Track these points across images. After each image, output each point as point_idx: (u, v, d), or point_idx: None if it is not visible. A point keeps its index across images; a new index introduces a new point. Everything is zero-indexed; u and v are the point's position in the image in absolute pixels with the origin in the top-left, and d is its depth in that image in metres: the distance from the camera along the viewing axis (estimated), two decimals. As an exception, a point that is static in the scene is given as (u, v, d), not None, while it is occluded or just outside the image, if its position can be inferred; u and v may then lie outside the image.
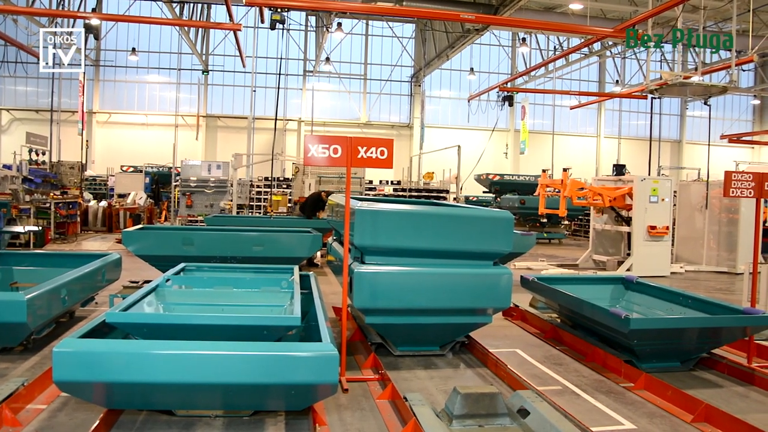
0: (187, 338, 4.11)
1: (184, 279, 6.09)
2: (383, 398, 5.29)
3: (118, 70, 31.73)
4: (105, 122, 31.32)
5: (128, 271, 9.01)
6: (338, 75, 32.23)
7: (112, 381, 3.94)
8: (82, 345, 3.99)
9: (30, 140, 19.08)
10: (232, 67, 31.31)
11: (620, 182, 14.48)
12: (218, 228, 10.44)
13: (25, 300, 5.49)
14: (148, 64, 31.55)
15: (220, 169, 18.57)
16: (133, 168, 25.48)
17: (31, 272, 8.23)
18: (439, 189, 21.22)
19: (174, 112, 31.08)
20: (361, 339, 7.00)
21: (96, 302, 8.42)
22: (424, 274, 5.93)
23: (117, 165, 26.76)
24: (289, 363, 3.91)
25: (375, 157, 5.70)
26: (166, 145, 27.28)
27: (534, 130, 32.88)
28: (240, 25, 19.78)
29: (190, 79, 31.68)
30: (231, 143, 29.86)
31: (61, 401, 5.02)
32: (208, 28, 28.50)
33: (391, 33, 32.59)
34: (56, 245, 15.91)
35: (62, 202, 17.39)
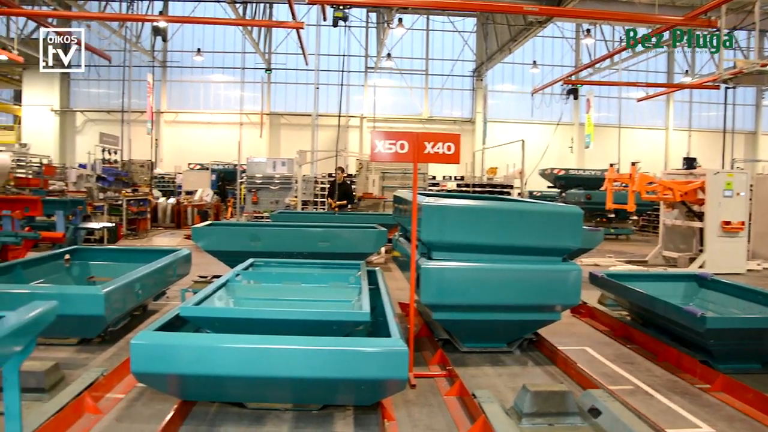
0: (257, 332, 4.16)
1: (253, 274, 6.19)
2: (451, 395, 5.26)
3: (184, 70, 32.52)
4: (172, 121, 32.15)
5: (197, 266, 9.21)
6: (400, 71, 32.20)
7: (185, 373, 4.03)
8: (158, 338, 4.09)
9: (103, 140, 19.73)
10: (295, 65, 31.66)
11: (691, 176, 14.01)
12: (284, 224, 10.55)
13: (102, 294, 5.67)
14: (213, 63, 32.20)
15: (285, 166, 18.78)
16: (200, 166, 26.07)
17: (106, 267, 8.50)
18: (503, 184, 20.96)
19: (238, 110, 31.66)
20: (427, 335, 6.98)
21: (167, 296, 8.65)
22: (492, 270, 5.85)
23: (184, 163, 27.43)
24: (359, 358, 3.92)
25: (442, 152, 5.66)
26: (231, 143, 27.81)
27: (599, 124, 32.12)
28: (302, 23, 19.99)
29: (253, 78, 32.19)
30: (294, 140, 30.23)
31: (138, 391, 5.17)
32: (270, 27, 28.93)
33: (452, 27, 32.36)
34: (128, 241, 16.41)
35: (133, 200, 17.91)
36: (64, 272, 8.22)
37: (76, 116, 32.15)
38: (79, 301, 5.66)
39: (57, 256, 8.38)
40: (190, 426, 4.54)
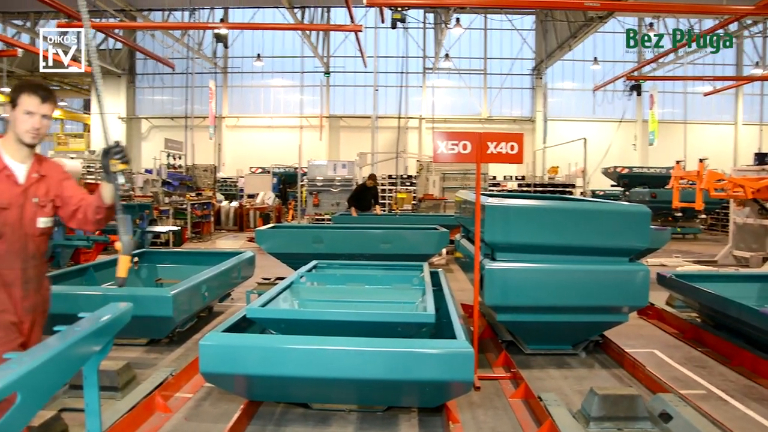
0: (322, 334, 4.18)
1: (317, 276, 6.24)
2: (516, 397, 5.19)
3: (245, 75, 33.10)
4: (233, 126, 32.77)
5: (260, 268, 9.35)
6: (458, 71, 32.03)
7: (252, 373, 4.08)
8: (226, 339, 4.15)
9: (168, 146, 20.25)
10: (353, 68, 31.86)
11: (763, 172, 13.48)
12: (345, 226, 10.63)
13: (171, 296, 5.81)
14: (273, 68, 32.66)
15: (346, 168, 18.91)
16: (261, 169, 26.48)
17: (172, 269, 8.71)
18: (565, 183, 20.64)
19: (298, 114, 32.03)
20: (491, 336, 6.91)
21: (232, 298, 8.81)
22: (557, 270, 5.75)
23: (246, 166, 27.91)
24: (424, 360, 3.90)
25: (505, 152, 5.59)
26: (291, 146, 28.16)
27: (663, 120, 31.27)
28: (361, 26, 20.07)
29: (312, 82, 32.53)
30: (353, 142, 30.40)
31: (206, 391, 5.27)
32: (329, 30, 29.19)
33: (510, 26, 32.00)
34: (193, 244, 16.80)
35: (197, 203, 18.33)
36: (132, 274, 8.45)
37: (141, 123, 33.11)
38: (148, 302, 5.81)
39: (127, 258, 8.61)
40: (257, 426, 4.60)
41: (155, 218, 15.15)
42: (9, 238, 3.08)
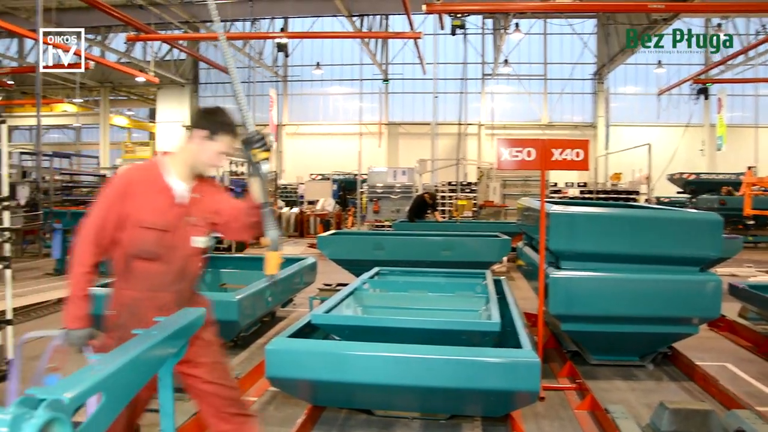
0: (386, 340, 4.19)
1: (380, 283, 6.26)
2: (582, 409, 5.09)
3: (304, 83, 33.55)
4: (293, 133, 33.22)
5: (321, 274, 9.42)
6: (517, 77, 31.74)
7: (316, 379, 4.12)
8: (291, 344, 4.21)
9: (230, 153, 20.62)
10: (411, 75, 31.91)
11: (842, 178, 12.93)
12: (406, 233, 10.64)
13: (236, 300, 5.92)
14: (332, 76, 33.00)
15: (406, 175, 18.95)
16: (321, 176, 26.76)
17: (236, 274, 8.85)
18: (629, 190, 20.20)
19: (357, 121, 32.23)
20: (554, 346, 6.80)
21: (294, 303, 8.91)
22: (625, 280, 5.62)
23: (305, 173, 28.25)
24: (490, 369, 3.86)
25: (570, 159, 5.51)
26: (350, 153, 28.36)
27: (732, 124, 30.22)
28: (420, 33, 20.12)
29: (371, 89, 32.73)
30: (412, 149, 30.41)
31: (270, 395, 5.34)
32: (388, 38, 29.32)
33: (570, 30, 31.54)
34: (254, 249, 17.05)
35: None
36: (197, 279, 8.64)
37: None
38: (214, 306, 5.91)
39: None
40: (321, 431, 4.64)
41: (218, 224, 15.43)
42: (166, 260, 2.99)
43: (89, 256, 2.91)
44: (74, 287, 2.92)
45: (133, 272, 2.97)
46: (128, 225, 2.91)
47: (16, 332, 5.55)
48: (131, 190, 2.95)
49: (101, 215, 2.92)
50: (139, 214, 2.91)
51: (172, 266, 3.01)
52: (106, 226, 2.90)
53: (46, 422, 1.51)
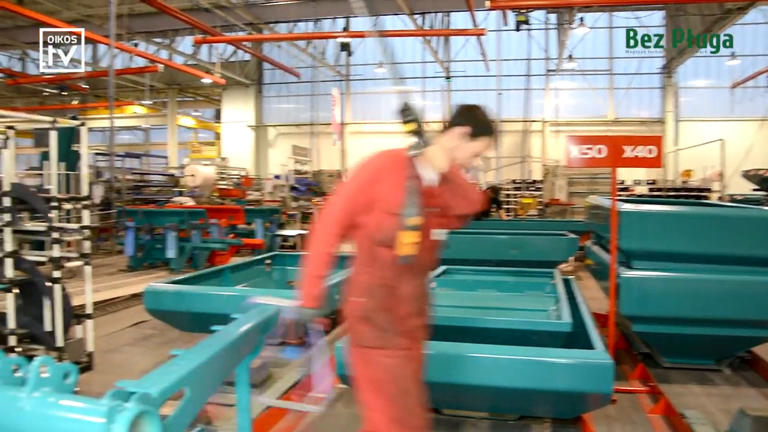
0: (455, 340, 4.17)
1: (447, 281, 6.24)
2: (656, 413, 4.96)
3: (367, 82, 33.66)
4: (356, 132, 33.38)
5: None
6: (582, 72, 31.12)
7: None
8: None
9: (295, 152, 20.93)
10: (473, 72, 31.65)
11: None
12: (471, 231, 10.56)
13: (304, 298, 5.98)
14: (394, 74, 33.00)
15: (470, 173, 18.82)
16: (384, 174, 26.79)
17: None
18: (700, 188, 19.56)
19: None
20: (624, 348, 6.65)
21: (361, 301, 8.95)
22: (700, 280, 5.44)
23: (369, 172, 28.35)
24: (562, 370, 3.80)
25: (642, 156, 5.38)
26: (413, 152, 28.34)
27: (812, 117, 28.91)
28: (484, 30, 19.95)
29: (433, 87, 32.60)
30: (476, 147, 30.16)
31: (338, 392, 5.38)
32: (451, 35, 29.18)
33: (637, 23, 30.69)
34: (319, 247, 17.23)
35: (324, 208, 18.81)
36: (265, 277, 8.80)
37: (268, 131, 34.38)
38: (284, 304, 6.01)
39: (259, 261, 9.00)
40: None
41: (284, 222, 15.70)
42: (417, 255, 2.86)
43: (332, 237, 2.89)
44: (313, 266, 2.93)
45: (378, 259, 2.90)
46: (376, 210, 2.84)
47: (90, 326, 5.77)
48: (383, 175, 2.91)
49: (350, 198, 2.91)
50: (389, 200, 2.83)
51: (418, 259, 2.89)
52: (354, 209, 2.87)
53: (137, 415, 1.56)
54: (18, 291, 5.14)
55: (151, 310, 6.60)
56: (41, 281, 5.26)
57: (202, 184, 19.46)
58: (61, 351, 5.33)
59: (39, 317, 5.31)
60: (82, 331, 5.71)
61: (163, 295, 6.45)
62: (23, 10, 19.22)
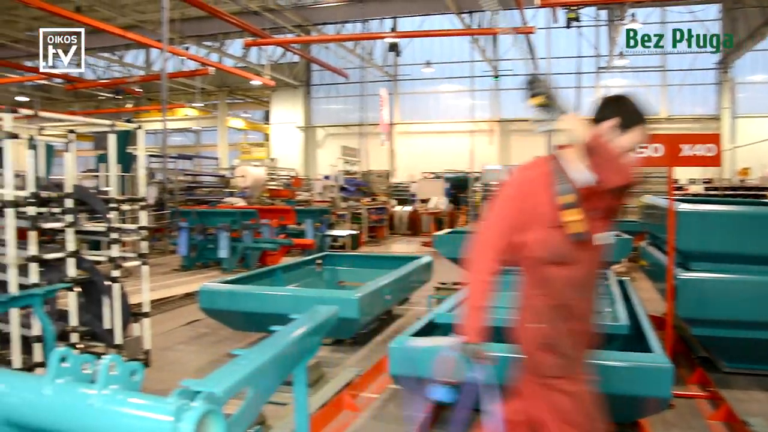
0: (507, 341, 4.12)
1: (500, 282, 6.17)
2: (716, 419, 4.82)
3: (415, 82, 33.60)
4: (404, 132, 33.37)
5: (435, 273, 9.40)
6: (633, 69, 30.50)
7: (438, 378, 4.10)
8: (414, 342, 4.22)
9: (344, 153, 21.04)
10: (522, 70, 31.28)
11: None
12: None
13: (357, 298, 6.01)
14: (442, 74, 32.86)
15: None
16: (433, 174, 26.76)
17: (353, 272, 9.04)
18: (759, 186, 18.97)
19: (467, 118, 31.98)
20: (682, 351, 6.48)
21: (410, 301, 8.95)
22: (761, 282, 5.26)
23: (417, 172, 28.31)
24: (620, 373, 3.73)
25: (701, 154, 5.24)
26: (461, 151, 28.21)
27: None
28: (533, 27, 19.74)
29: (481, 86, 32.36)
30: (524, 146, 29.66)
31: (390, 392, 5.39)
32: (500, 34, 28.92)
33: (691, 18, 29.93)
34: (368, 247, 17.31)
35: (373, 208, 18.91)
36: (316, 276, 8.88)
37: (316, 131, 34.65)
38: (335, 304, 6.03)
39: (310, 261, 9.08)
40: (441, 429, 4.63)
41: (333, 222, 15.81)
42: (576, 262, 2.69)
43: (489, 263, 2.75)
44: (473, 297, 2.78)
45: (545, 278, 2.73)
46: (534, 227, 2.67)
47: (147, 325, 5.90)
48: (530, 188, 2.72)
49: (502, 218, 2.74)
50: (545, 212, 2.64)
51: (582, 269, 2.72)
52: (508, 230, 2.71)
53: (203, 413, 1.58)
54: (79, 290, 5.29)
55: (205, 309, 6.72)
56: (101, 280, 5.41)
57: (253, 185, 19.72)
58: (119, 348, 5.46)
59: (99, 315, 5.45)
60: (139, 329, 5.85)
61: (217, 295, 6.56)
62: (81, 18, 19.77)
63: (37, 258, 4.82)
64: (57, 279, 5.08)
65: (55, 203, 5.13)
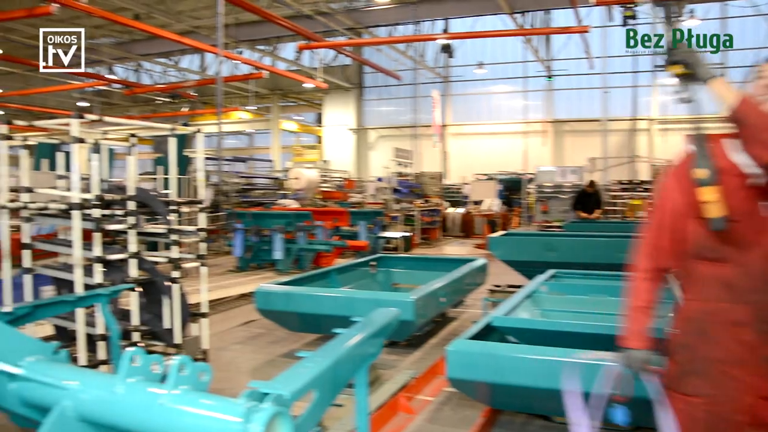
0: (568, 346, 4.04)
1: (557, 285, 6.08)
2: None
3: (467, 84, 33.41)
4: (457, 134, 33.21)
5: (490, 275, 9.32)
6: (692, 66, 29.61)
7: (497, 382, 4.04)
8: (473, 346, 4.17)
9: (397, 154, 21.05)
10: (576, 70, 30.78)
11: None
12: (578, 234, 10.24)
13: (412, 300, 5.97)
14: (494, 75, 32.60)
15: (575, 174, 18.34)
16: (485, 176, 26.57)
17: (407, 274, 9.01)
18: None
19: (519, 119, 31.59)
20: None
21: (464, 304, 8.88)
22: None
23: (469, 173, 28.14)
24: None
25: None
26: (514, 153, 27.97)
27: None
28: (588, 27, 19.42)
29: (534, 86, 31.95)
30: (578, 147, 29.31)
31: (445, 396, 5.34)
32: (554, 34, 28.55)
33: (753, 11, 28.92)
34: (421, 249, 17.26)
35: (425, 210, 18.86)
36: (370, 278, 8.87)
37: (368, 133, 34.78)
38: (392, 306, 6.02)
39: (364, 263, 9.09)
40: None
41: (386, 224, 15.82)
42: (737, 259, 2.36)
43: (647, 260, 2.57)
44: (634, 297, 2.59)
45: (698, 278, 2.45)
46: (688, 217, 2.43)
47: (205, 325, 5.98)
48: (672, 183, 2.55)
49: (657, 213, 2.57)
50: (685, 203, 2.42)
51: (747, 268, 2.35)
52: (664, 224, 2.52)
53: (272, 415, 1.58)
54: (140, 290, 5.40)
55: (261, 310, 6.78)
56: (161, 281, 5.50)
57: (306, 187, 19.91)
58: (178, 348, 5.55)
59: (159, 315, 5.55)
60: (197, 329, 5.93)
61: (273, 296, 6.61)
62: (139, 25, 20.31)
63: (102, 259, 4.93)
64: (119, 279, 5.19)
65: (117, 205, 5.25)
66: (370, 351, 2.56)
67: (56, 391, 1.93)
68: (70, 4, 15.91)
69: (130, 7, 21.54)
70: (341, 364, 2.13)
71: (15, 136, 5.58)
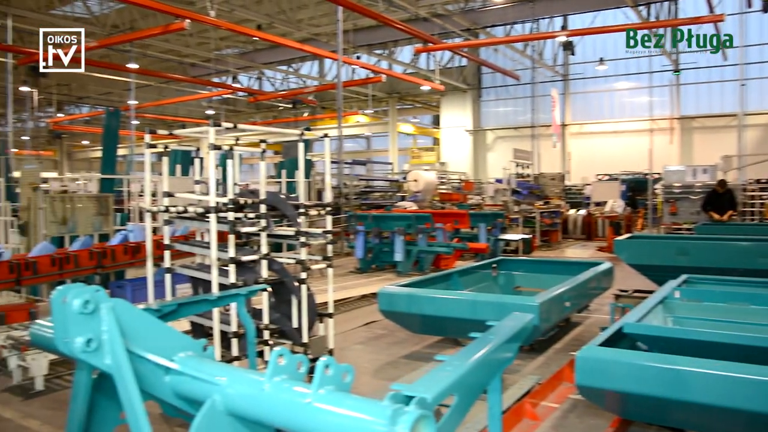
0: (705, 356, 3.82)
1: (690, 291, 5.76)
2: None
3: (587, 81, 32.39)
4: (577, 133, 32.28)
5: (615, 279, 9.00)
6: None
7: (630, 391, 3.89)
8: (604, 353, 4.03)
9: (516, 155, 20.74)
10: (707, 63, 29.06)
11: None
12: (714, 237, 9.67)
13: (537, 304, 5.87)
14: (616, 71, 31.41)
15: (707, 174, 17.33)
16: (608, 176, 25.69)
17: (528, 278, 8.87)
18: None
19: (645, 117, 30.27)
20: None
21: (589, 309, 8.62)
22: None
23: (590, 173, 27.26)
24: None
25: None
26: (638, 151, 26.83)
27: None
28: (722, 15, 18.36)
29: (660, 82, 30.52)
30: (708, 145, 27.64)
31: (571, 403, 5.21)
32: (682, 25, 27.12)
33: None
34: (541, 252, 16.92)
35: (546, 212, 18.47)
36: (491, 282, 8.80)
37: (486, 134, 34.46)
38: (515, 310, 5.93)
39: (485, 266, 9.02)
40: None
41: (506, 226, 15.64)
42: None
43: None
44: None
45: None
46: None
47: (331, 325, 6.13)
48: None
49: None
50: None
51: None
52: None
53: (417, 419, 1.60)
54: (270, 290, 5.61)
55: (384, 311, 6.88)
56: (290, 281, 5.69)
57: (424, 189, 19.99)
58: (305, 347, 5.72)
59: (288, 314, 5.75)
60: (323, 329, 6.09)
61: (396, 298, 6.69)
62: (262, 34, 21.13)
63: (236, 260, 5.17)
64: (251, 279, 5.41)
65: (249, 209, 5.48)
66: (505, 356, 2.54)
67: (207, 385, 2.05)
68: (200, 19, 16.81)
69: (253, 18, 22.45)
70: (479, 368, 2.13)
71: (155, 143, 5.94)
